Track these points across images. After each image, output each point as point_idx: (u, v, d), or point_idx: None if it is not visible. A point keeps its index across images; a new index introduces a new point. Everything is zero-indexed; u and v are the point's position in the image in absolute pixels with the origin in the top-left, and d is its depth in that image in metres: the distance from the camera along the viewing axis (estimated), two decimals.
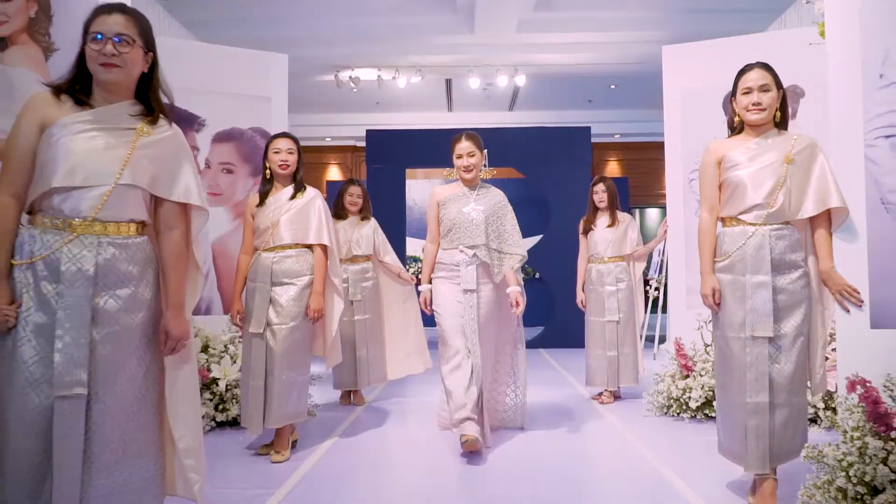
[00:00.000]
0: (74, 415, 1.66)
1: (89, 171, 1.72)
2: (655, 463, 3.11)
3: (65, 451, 1.64)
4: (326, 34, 7.81)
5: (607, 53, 8.56)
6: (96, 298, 1.71)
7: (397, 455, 3.45)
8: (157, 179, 1.83)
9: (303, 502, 2.62)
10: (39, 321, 1.68)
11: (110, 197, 1.73)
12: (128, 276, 1.77)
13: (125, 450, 1.77)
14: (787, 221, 2.41)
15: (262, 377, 3.20)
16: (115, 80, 1.77)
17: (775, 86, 2.39)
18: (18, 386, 1.65)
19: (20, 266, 1.70)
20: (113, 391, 1.73)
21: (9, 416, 1.64)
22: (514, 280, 3.47)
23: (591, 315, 4.71)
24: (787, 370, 2.37)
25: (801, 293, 2.41)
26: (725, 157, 2.45)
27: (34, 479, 1.65)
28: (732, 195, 2.43)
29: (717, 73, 3.71)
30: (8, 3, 2.31)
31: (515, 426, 3.79)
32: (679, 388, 3.96)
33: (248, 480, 2.88)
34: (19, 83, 2.31)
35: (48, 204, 1.72)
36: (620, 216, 4.68)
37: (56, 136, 1.72)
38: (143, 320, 1.81)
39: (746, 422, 2.39)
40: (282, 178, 3.34)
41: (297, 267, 3.26)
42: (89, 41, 1.75)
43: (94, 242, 1.72)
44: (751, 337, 2.40)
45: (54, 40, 2.37)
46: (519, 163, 8.58)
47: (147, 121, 1.84)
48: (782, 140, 2.41)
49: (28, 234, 1.73)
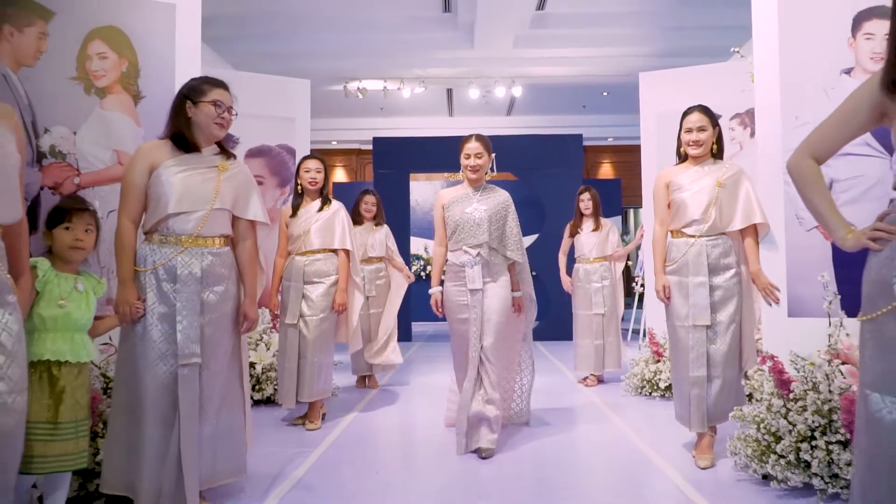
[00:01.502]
0: (192, 377, 2.30)
1: (192, 200, 2.34)
2: (630, 434, 3.71)
3: (188, 404, 2.28)
4: (336, 49, 8.40)
5: (597, 66, 9.17)
6: (202, 293, 2.34)
7: (406, 427, 4.07)
8: (236, 203, 2.46)
9: (334, 460, 3.23)
10: (162, 311, 2.31)
11: (208, 219, 2.36)
12: (222, 276, 2.40)
13: (221, 404, 2.41)
14: (721, 232, 3.03)
15: (295, 360, 3.83)
16: (222, 136, 2.40)
17: (711, 126, 3.02)
18: (151, 359, 2.28)
19: (144, 272, 2.33)
20: (215, 360, 2.37)
21: (146, 381, 2.28)
22: (517, 284, 3.55)
23: (578, 309, 5.33)
24: (722, 350, 2.99)
25: (734, 289, 3.04)
26: (672, 182, 3.08)
27: (165, 424, 2.28)
28: (677, 212, 3.06)
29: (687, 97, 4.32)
30: (106, 61, 2.92)
31: (521, 422, 3.90)
32: (651, 371, 4.59)
33: (289, 444, 3.50)
34: (114, 124, 2.92)
35: (164, 226, 2.34)
36: (603, 221, 5.30)
37: (164, 176, 2.34)
38: (232, 308, 2.45)
39: (690, 391, 3.02)
40: (311, 193, 3.96)
41: (324, 268, 3.89)
42: (203, 104, 2.37)
43: (199, 253, 2.35)
44: (693, 325, 3.03)
45: (141, 90, 2.98)
46: (516, 168, 9.19)
47: (223, 159, 2.47)
48: (716, 168, 3.04)
49: (148, 248, 2.35)
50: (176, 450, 2.29)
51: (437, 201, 3.60)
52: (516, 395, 3.89)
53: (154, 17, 3.01)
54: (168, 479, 2.29)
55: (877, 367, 1.48)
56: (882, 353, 1.47)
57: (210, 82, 2.44)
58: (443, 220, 3.56)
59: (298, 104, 5.13)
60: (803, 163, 1.73)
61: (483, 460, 3.18)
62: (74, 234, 2.12)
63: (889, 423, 1.41)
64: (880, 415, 1.45)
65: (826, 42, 2.98)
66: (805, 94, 2.97)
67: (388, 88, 9.44)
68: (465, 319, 3.39)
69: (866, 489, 1.48)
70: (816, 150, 1.72)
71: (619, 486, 2.90)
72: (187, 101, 2.39)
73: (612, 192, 11.43)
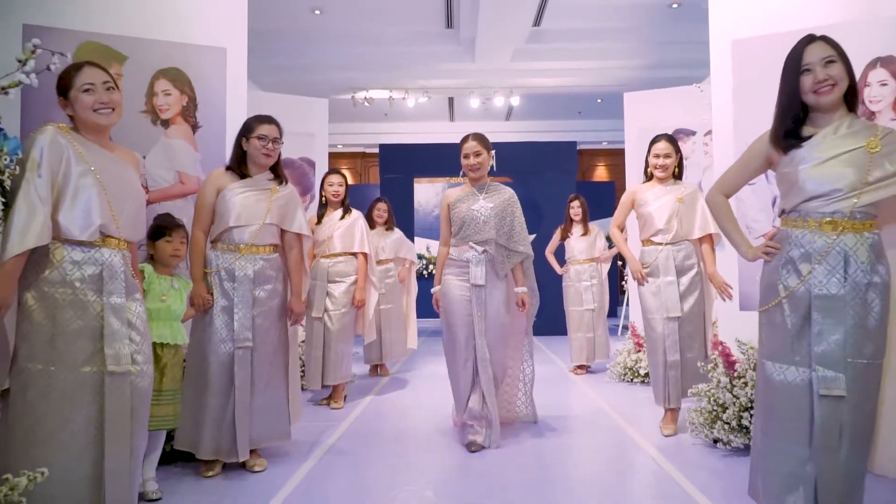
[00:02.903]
0: (246, 358, 2.88)
1: (248, 216, 2.92)
2: (613, 415, 4.27)
3: (242, 379, 2.87)
4: (346, 61, 8.96)
5: (591, 77, 9.74)
6: (254, 291, 2.92)
7: (416, 407, 4.65)
8: (284, 219, 3.04)
9: (359, 432, 3.81)
10: (223, 304, 2.89)
11: (260, 231, 2.94)
12: (270, 277, 2.98)
13: (268, 381, 2.98)
14: (683, 239, 3.61)
15: (320, 349, 4.41)
16: (269, 164, 2.98)
17: (675, 152, 3.60)
18: (214, 342, 2.87)
19: (210, 273, 2.91)
20: (264, 345, 2.95)
21: (210, 360, 2.87)
22: (522, 280, 3.59)
23: (570, 305, 5.91)
24: (688, 333, 3.57)
25: (696, 285, 3.62)
26: (639, 198, 3.67)
27: (223, 395, 2.86)
28: (645, 224, 3.65)
29: (667, 114, 4.93)
30: (169, 97, 3.49)
31: (529, 420, 3.91)
32: (632, 359, 5.17)
33: (318, 420, 4.08)
34: (177, 150, 3.48)
35: (226, 236, 2.92)
36: (591, 227, 5.88)
37: (227, 196, 2.92)
38: (279, 304, 3.02)
39: (667, 373, 3.59)
40: (334, 204, 4.54)
41: (346, 269, 4.47)
42: (253, 139, 2.94)
43: (252, 258, 2.93)
44: (666, 317, 3.61)
45: (199, 120, 3.55)
46: (514, 172, 9.76)
47: (276, 183, 3.05)
48: (677, 187, 3.63)
49: (213, 254, 2.93)
50: (231, 415, 2.88)
51: (443, 200, 3.63)
52: (521, 394, 3.89)
53: (209, 59, 3.58)
54: (225, 438, 2.88)
55: (769, 344, 2.06)
56: (772, 334, 2.05)
57: (258, 119, 3.02)
58: (448, 219, 3.57)
59: (317, 121, 5.71)
60: (716, 198, 2.32)
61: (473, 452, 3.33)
62: (173, 245, 2.70)
63: (777, 381, 1.99)
64: (772, 376, 2.03)
65: (774, 79, 3.55)
66: (755, 126, 3.55)
67: (394, 98, 10.01)
68: (465, 314, 3.41)
69: (765, 429, 2.07)
70: (725, 189, 2.30)
71: (598, 453, 3.47)
72: (242, 137, 2.98)
73: (607, 194, 12.04)
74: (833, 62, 1.97)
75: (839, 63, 1.97)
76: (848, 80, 1.99)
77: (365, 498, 2.75)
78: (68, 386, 2.02)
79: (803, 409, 1.91)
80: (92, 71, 2.15)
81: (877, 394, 1.93)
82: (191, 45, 3.54)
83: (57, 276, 2.05)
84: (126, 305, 2.13)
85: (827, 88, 1.97)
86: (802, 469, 1.91)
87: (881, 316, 1.93)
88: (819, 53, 1.99)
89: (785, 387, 1.96)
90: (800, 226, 2.01)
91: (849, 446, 1.89)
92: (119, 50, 3.41)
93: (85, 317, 2.06)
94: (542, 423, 3.97)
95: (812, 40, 2.02)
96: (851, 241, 1.93)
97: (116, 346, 2.06)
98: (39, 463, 1.86)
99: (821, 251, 1.94)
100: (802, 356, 1.93)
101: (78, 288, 2.06)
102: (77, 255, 2.07)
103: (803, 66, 2.00)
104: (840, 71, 1.97)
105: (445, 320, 3.52)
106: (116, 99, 2.18)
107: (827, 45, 2.00)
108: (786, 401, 1.96)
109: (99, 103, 2.13)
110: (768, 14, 3.51)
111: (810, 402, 1.91)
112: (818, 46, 2.00)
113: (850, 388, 1.87)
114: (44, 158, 2.01)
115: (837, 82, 1.97)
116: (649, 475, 3.06)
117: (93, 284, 2.08)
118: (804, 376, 1.93)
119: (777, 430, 1.99)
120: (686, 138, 5.46)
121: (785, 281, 2.02)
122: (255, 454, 3.00)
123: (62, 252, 2.05)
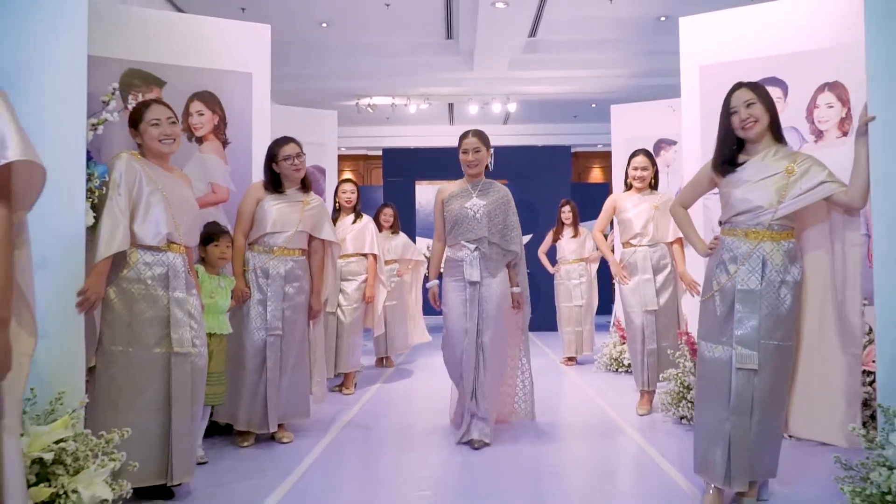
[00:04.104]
0: (276, 344, 3.37)
1: (282, 224, 3.40)
2: (599, 401, 4.74)
3: (273, 361, 3.35)
4: (350, 70, 9.42)
5: (584, 85, 10.20)
6: (285, 287, 3.40)
7: (418, 394, 5.13)
8: (315, 228, 3.52)
9: (370, 414, 4.28)
10: (259, 298, 3.37)
11: (292, 237, 3.41)
12: (298, 276, 3.46)
13: (294, 365, 3.46)
14: (659, 242, 4.09)
15: (333, 340, 4.89)
16: (299, 177, 3.46)
17: (651, 166, 4.09)
18: (250, 330, 3.35)
19: (248, 271, 3.39)
20: (291, 333, 3.43)
21: (246, 345, 3.35)
22: (515, 280, 3.60)
23: (561, 302, 6.39)
24: (664, 323, 4.05)
25: (670, 282, 4.10)
26: (619, 205, 4.16)
27: (257, 374, 3.34)
28: (624, 228, 4.12)
29: (650, 125, 5.42)
30: (203, 117, 3.95)
31: (527, 418, 3.91)
32: (617, 351, 5.65)
33: (333, 403, 4.54)
34: (209, 164, 3.94)
35: (262, 240, 3.40)
36: (581, 229, 6.36)
37: (265, 206, 3.40)
38: (305, 300, 3.50)
39: (646, 360, 4.07)
40: (346, 210, 5.02)
41: (357, 268, 4.95)
42: (282, 161, 3.41)
43: (284, 260, 3.41)
44: (644, 311, 4.08)
45: (228, 137, 4.02)
46: (510, 175, 10.25)
47: (305, 195, 3.52)
48: (652, 196, 4.12)
49: (251, 255, 3.41)
50: (263, 392, 3.36)
51: (437, 196, 3.63)
52: (519, 391, 3.90)
53: (237, 83, 4.04)
54: (257, 412, 3.37)
55: (703, 327, 2.55)
56: (706, 319, 2.54)
57: (279, 143, 3.50)
58: (442, 214, 3.58)
59: (327, 131, 6.19)
60: (676, 209, 2.81)
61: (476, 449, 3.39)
62: (220, 249, 3.17)
63: (707, 356, 2.48)
64: (704, 353, 2.51)
65: None
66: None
67: (396, 104, 10.49)
68: (462, 312, 3.45)
69: (698, 394, 2.55)
70: (682, 202, 2.79)
71: (582, 430, 3.94)
72: (271, 162, 3.46)
73: (602, 195, 12.43)
74: (753, 104, 2.43)
75: (758, 104, 2.43)
76: (769, 117, 2.45)
77: (375, 466, 3.23)
78: (143, 364, 2.50)
79: (725, 379, 2.39)
80: (159, 108, 2.62)
81: (785, 370, 2.41)
82: (221, 70, 4.01)
83: (133, 275, 2.53)
84: (186, 299, 2.61)
85: (750, 124, 2.44)
86: (723, 427, 2.38)
87: (791, 308, 2.40)
88: (742, 97, 2.45)
89: (713, 361, 2.44)
90: (731, 234, 2.49)
91: (759, 411, 2.36)
92: (158, 76, 3.87)
93: (155, 308, 2.54)
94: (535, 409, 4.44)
95: (737, 87, 2.49)
96: (769, 248, 2.40)
97: (180, 332, 2.55)
98: (121, 424, 2.33)
99: (745, 255, 2.42)
100: (727, 337, 2.41)
101: (149, 284, 2.54)
102: (148, 258, 2.56)
103: (731, 109, 2.47)
104: (760, 110, 2.43)
105: (445, 321, 3.56)
106: (177, 131, 2.66)
107: (748, 90, 2.46)
108: (713, 372, 2.44)
109: (163, 135, 2.61)
110: (731, 44, 3.98)
111: (730, 374, 2.39)
112: (742, 92, 2.47)
113: (762, 363, 2.35)
114: (122, 180, 2.48)
115: (759, 119, 2.43)
116: (627, 450, 3.53)
117: (161, 281, 2.56)
118: (727, 353, 2.40)
119: (706, 395, 2.47)
120: (668, 147, 5.93)
121: (718, 278, 2.50)
122: (282, 428, 3.48)
123: (137, 255, 2.54)
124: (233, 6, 7.31)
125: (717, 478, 2.39)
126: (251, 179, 3.96)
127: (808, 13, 3.80)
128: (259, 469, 3.07)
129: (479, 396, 3.43)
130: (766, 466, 2.43)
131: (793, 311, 2.39)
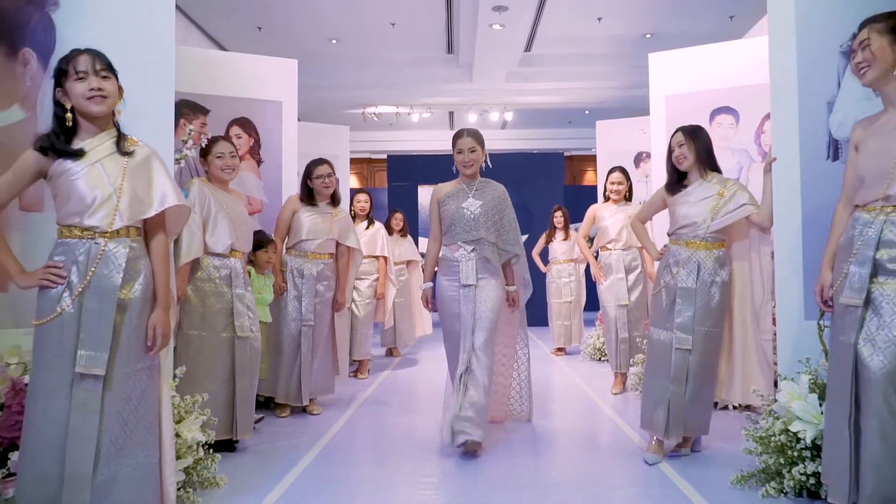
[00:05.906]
0: (309, 333, 4.04)
1: (315, 232, 4.07)
2: (584, 387, 5.40)
3: (306, 347, 4.02)
4: (357, 82, 10.08)
5: (577, 95, 10.86)
6: (316, 285, 4.07)
7: (422, 378, 5.80)
8: (340, 235, 4.19)
9: (382, 391, 4.96)
10: (294, 294, 4.05)
11: (323, 244, 4.09)
12: (328, 276, 4.13)
13: (323, 349, 4.14)
14: (631, 246, 4.76)
15: (349, 331, 5.56)
16: (328, 194, 4.13)
17: (626, 180, 4.76)
18: (287, 320, 4.03)
19: (286, 270, 4.07)
20: (321, 324, 4.10)
21: (284, 333, 4.02)
22: (512, 279, 3.58)
23: (552, 298, 7.06)
24: (635, 316, 4.73)
25: (640, 281, 4.78)
26: (598, 214, 4.84)
27: (293, 357, 4.01)
28: (601, 234, 4.80)
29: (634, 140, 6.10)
30: (240, 139, 4.62)
31: (522, 418, 3.94)
32: (601, 342, 6.33)
33: (350, 386, 5.22)
34: (246, 180, 4.61)
35: (298, 246, 4.07)
36: (571, 232, 7.03)
37: (301, 217, 4.07)
38: (332, 296, 4.17)
39: (620, 347, 4.74)
40: (361, 217, 5.70)
41: (369, 269, 5.63)
42: (315, 179, 4.08)
43: (316, 262, 4.08)
44: (617, 305, 4.76)
45: (262, 157, 4.69)
46: (506, 180, 10.81)
47: (333, 208, 4.19)
48: (627, 206, 4.80)
49: (288, 258, 4.09)
50: (298, 372, 4.04)
51: (433, 196, 3.58)
52: (514, 391, 3.89)
53: (269, 110, 4.71)
54: (293, 388, 4.04)
55: (653, 315, 3.24)
56: (656, 309, 3.21)
57: (315, 164, 4.15)
58: (438, 215, 3.53)
59: (340, 144, 6.86)
60: (635, 223, 3.50)
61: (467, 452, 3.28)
62: (268, 254, 3.84)
63: (655, 339, 3.16)
64: (653, 336, 3.19)
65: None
66: None
67: (400, 113, 11.16)
68: (456, 313, 3.40)
69: (647, 369, 3.23)
70: (641, 217, 3.48)
71: (566, 410, 4.62)
72: (307, 178, 4.12)
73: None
74: (683, 144, 3.12)
75: (686, 145, 3.11)
76: (695, 154, 3.12)
77: (390, 433, 3.90)
78: (213, 345, 3.19)
79: (667, 357, 3.07)
80: (224, 144, 3.30)
81: (714, 350, 3.09)
82: (256, 99, 4.68)
83: (205, 276, 3.22)
84: (244, 294, 3.29)
85: (681, 160, 3.14)
86: (665, 395, 3.06)
87: (720, 302, 3.07)
88: (677, 139, 3.15)
89: (660, 342, 3.12)
90: (675, 243, 3.17)
91: (692, 381, 3.04)
92: (203, 105, 4.54)
93: (222, 301, 3.22)
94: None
95: (676, 131, 3.17)
96: (703, 255, 3.09)
97: (241, 320, 3.23)
98: (197, 391, 3.00)
99: (684, 260, 3.10)
100: (670, 324, 3.09)
101: (217, 283, 3.23)
102: (216, 262, 3.24)
103: (670, 148, 3.16)
104: (687, 150, 3.11)
105: (442, 323, 3.55)
106: (237, 163, 3.34)
107: (682, 134, 3.14)
108: (659, 351, 3.12)
109: (226, 166, 3.29)
110: (692, 77, 4.67)
111: (671, 352, 3.06)
112: (677, 135, 3.16)
113: (695, 345, 3.03)
114: (196, 202, 3.16)
115: (686, 156, 3.12)
116: (601, 420, 4.21)
117: (226, 281, 3.25)
118: (670, 337, 3.08)
119: (653, 369, 3.16)
120: (647, 159, 6.59)
121: (664, 277, 3.18)
122: (312, 402, 4.17)
123: (207, 261, 3.22)
124: (250, 26, 8.01)
125: (658, 431, 3.08)
126: (281, 192, 4.64)
127: (757, 52, 4.47)
128: (296, 433, 3.76)
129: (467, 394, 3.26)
130: (698, 425, 3.12)
131: (721, 305, 3.07)
